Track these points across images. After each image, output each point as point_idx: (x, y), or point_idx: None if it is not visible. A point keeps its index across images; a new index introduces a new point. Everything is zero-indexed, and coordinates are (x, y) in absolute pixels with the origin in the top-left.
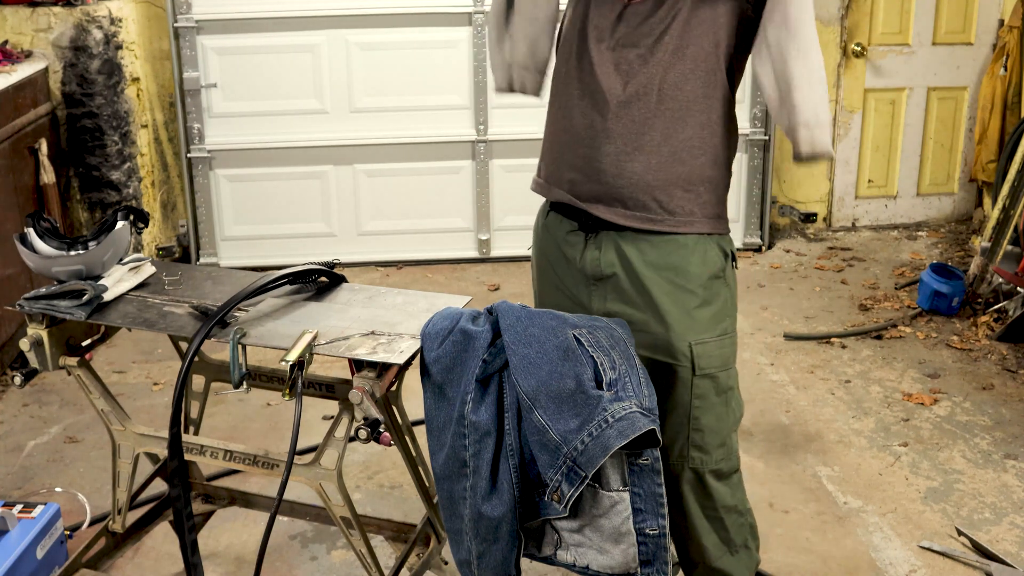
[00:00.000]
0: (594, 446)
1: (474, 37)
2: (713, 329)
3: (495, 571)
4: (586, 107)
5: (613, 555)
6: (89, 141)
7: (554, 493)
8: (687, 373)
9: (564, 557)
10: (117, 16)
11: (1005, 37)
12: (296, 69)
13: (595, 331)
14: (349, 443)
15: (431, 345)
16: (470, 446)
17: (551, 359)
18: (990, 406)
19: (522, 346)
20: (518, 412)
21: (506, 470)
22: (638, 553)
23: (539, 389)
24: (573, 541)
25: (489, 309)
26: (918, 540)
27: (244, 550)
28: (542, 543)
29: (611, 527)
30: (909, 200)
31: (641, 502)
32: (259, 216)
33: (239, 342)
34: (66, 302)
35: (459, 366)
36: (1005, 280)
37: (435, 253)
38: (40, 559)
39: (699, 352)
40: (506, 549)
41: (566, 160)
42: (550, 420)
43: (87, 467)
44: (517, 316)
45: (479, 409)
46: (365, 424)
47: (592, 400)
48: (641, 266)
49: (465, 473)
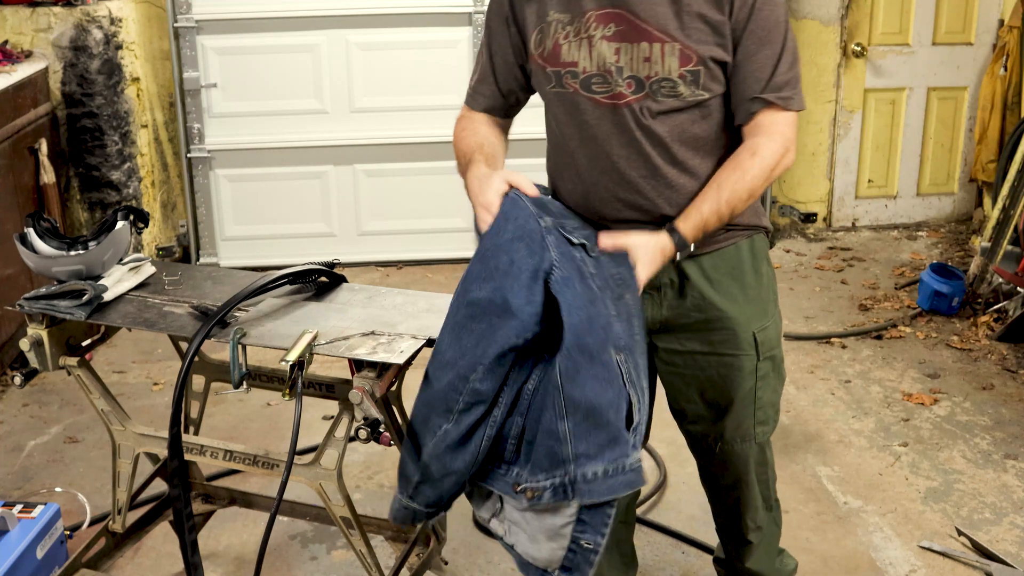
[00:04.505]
0: (602, 485)
1: (474, 37)
2: (770, 311)
3: (426, 502)
4: (608, 153)
5: (541, 548)
6: (89, 141)
7: (530, 491)
8: (752, 361)
9: (497, 528)
10: (117, 16)
11: (1005, 37)
12: (296, 69)
13: (630, 358)
14: (349, 443)
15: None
16: (461, 403)
17: (599, 379)
18: (990, 406)
19: (576, 352)
20: (516, 396)
21: (480, 436)
22: (564, 558)
23: (580, 403)
24: (512, 518)
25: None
26: (918, 540)
27: (244, 550)
28: (483, 505)
29: (551, 524)
30: (909, 200)
31: (588, 516)
32: (259, 216)
33: (239, 342)
34: (66, 302)
35: (489, 335)
36: (1005, 280)
37: (435, 253)
38: (40, 559)
39: (762, 339)
40: (445, 491)
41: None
42: (573, 435)
43: (87, 467)
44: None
45: (486, 380)
46: (365, 424)
47: (621, 440)
48: (698, 277)
49: (447, 417)
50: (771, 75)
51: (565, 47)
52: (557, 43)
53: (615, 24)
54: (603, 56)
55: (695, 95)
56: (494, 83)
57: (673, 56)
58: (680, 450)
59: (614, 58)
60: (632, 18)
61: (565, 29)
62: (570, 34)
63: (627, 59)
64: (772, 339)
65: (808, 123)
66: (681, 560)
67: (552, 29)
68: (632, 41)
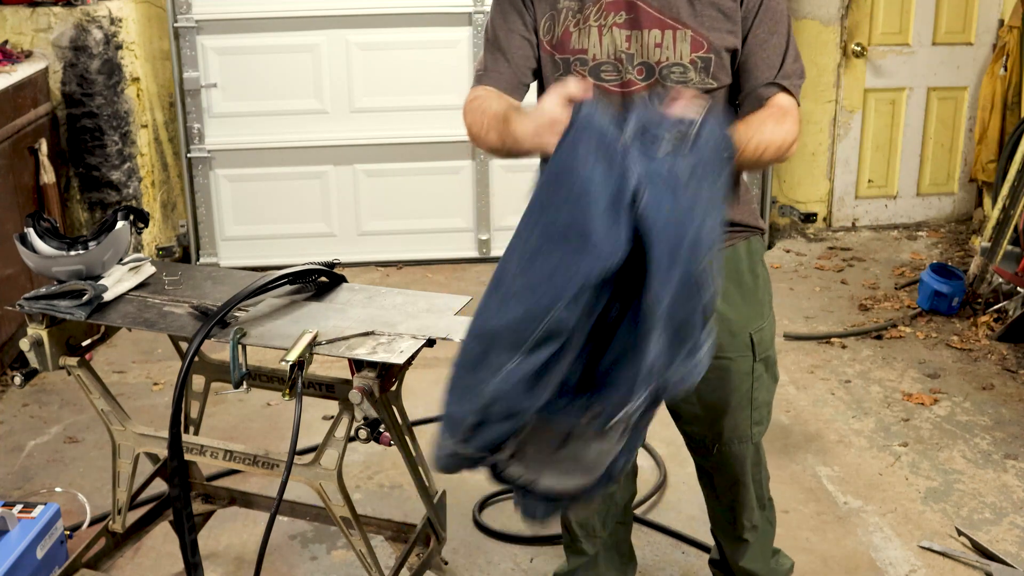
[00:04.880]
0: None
1: (474, 37)
2: (765, 313)
3: (482, 445)
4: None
5: (569, 481)
6: (89, 141)
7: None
8: (748, 363)
9: (513, 470)
10: (117, 16)
11: (1005, 37)
12: (296, 69)
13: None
14: (349, 443)
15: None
16: (537, 336)
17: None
18: (990, 406)
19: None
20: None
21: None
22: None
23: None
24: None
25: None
26: (918, 540)
27: (244, 550)
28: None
29: (589, 460)
30: (909, 200)
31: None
32: (259, 216)
33: (239, 342)
34: (66, 302)
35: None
36: (1005, 280)
37: (435, 253)
38: (40, 559)
39: (758, 340)
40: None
41: None
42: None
43: (87, 467)
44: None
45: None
46: (365, 424)
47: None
48: None
49: (514, 352)
50: (781, 63)
51: (575, 34)
52: (567, 30)
53: (626, 12)
54: (614, 43)
55: (704, 83)
56: (506, 63)
57: (684, 42)
58: (680, 450)
59: (625, 45)
60: (643, 5)
61: (575, 16)
62: (580, 21)
63: (638, 46)
64: (767, 340)
65: (808, 123)
66: (681, 560)
67: (562, 16)
68: (643, 28)
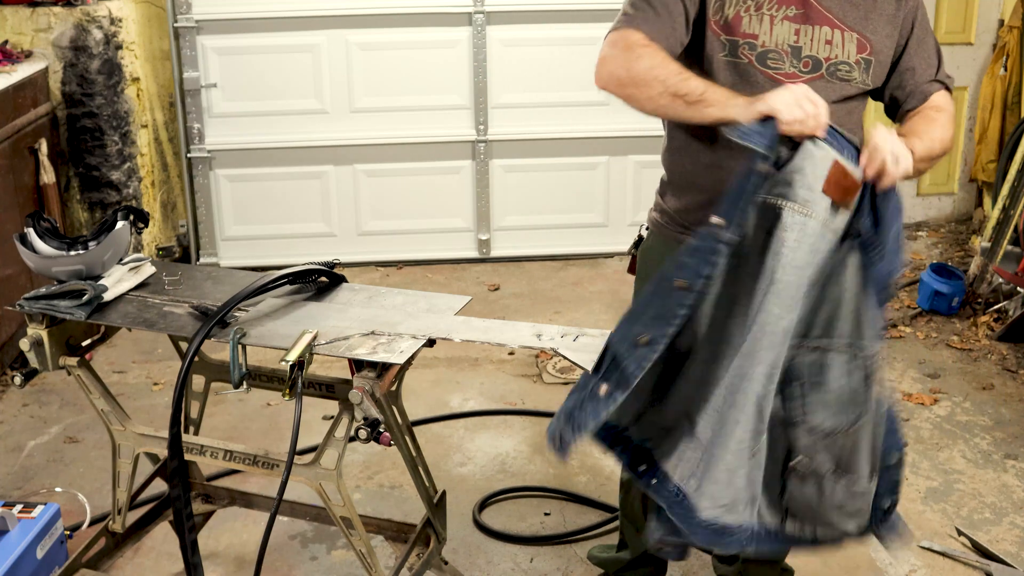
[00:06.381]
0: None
1: (474, 37)
2: None
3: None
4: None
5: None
6: (89, 141)
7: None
8: None
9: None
10: (117, 16)
11: (1005, 37)
12: (296, 69)
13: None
14: (349, 443)
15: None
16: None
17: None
18: (990, 406)
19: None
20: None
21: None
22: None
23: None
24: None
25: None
26: (918, 540)
27: (244, 550)
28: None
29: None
30: (909, 200)
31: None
32: (259, 216)
33: (239, 342)
34: (66, 302)
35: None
36: (1005, 280)
37: (435, 253)
38: (40, 559)
39: None
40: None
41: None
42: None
43: (87, 467)
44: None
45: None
46: (365, 424)
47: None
48: None
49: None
50: (939, 61)
51: (746, 19)
52: (739, 14)
53: (796, 7)
54: (784, 34)
55: (864, 83)
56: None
57: (851, 43)
58: None
59: (794, 38)
60: (815, 3)
61: (747, 2)
62: (751, 7)
63: (807, 39)
64: None
65: None
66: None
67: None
68: (814, 24)
